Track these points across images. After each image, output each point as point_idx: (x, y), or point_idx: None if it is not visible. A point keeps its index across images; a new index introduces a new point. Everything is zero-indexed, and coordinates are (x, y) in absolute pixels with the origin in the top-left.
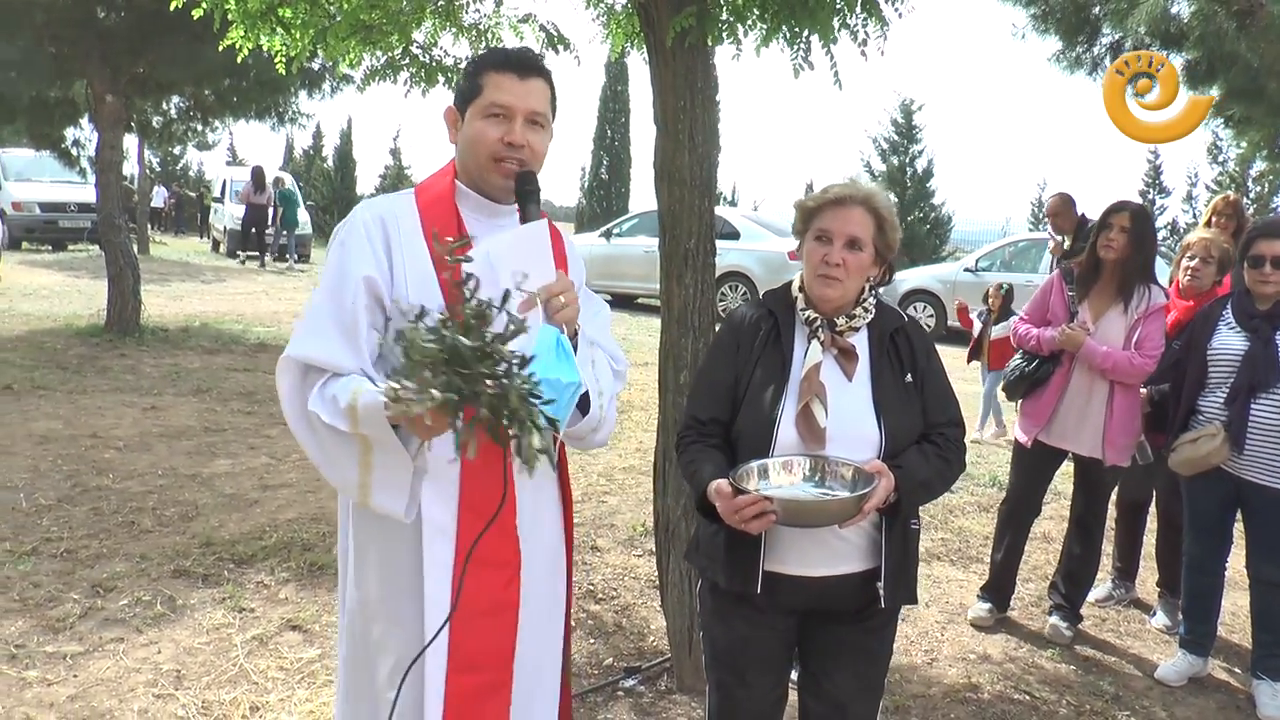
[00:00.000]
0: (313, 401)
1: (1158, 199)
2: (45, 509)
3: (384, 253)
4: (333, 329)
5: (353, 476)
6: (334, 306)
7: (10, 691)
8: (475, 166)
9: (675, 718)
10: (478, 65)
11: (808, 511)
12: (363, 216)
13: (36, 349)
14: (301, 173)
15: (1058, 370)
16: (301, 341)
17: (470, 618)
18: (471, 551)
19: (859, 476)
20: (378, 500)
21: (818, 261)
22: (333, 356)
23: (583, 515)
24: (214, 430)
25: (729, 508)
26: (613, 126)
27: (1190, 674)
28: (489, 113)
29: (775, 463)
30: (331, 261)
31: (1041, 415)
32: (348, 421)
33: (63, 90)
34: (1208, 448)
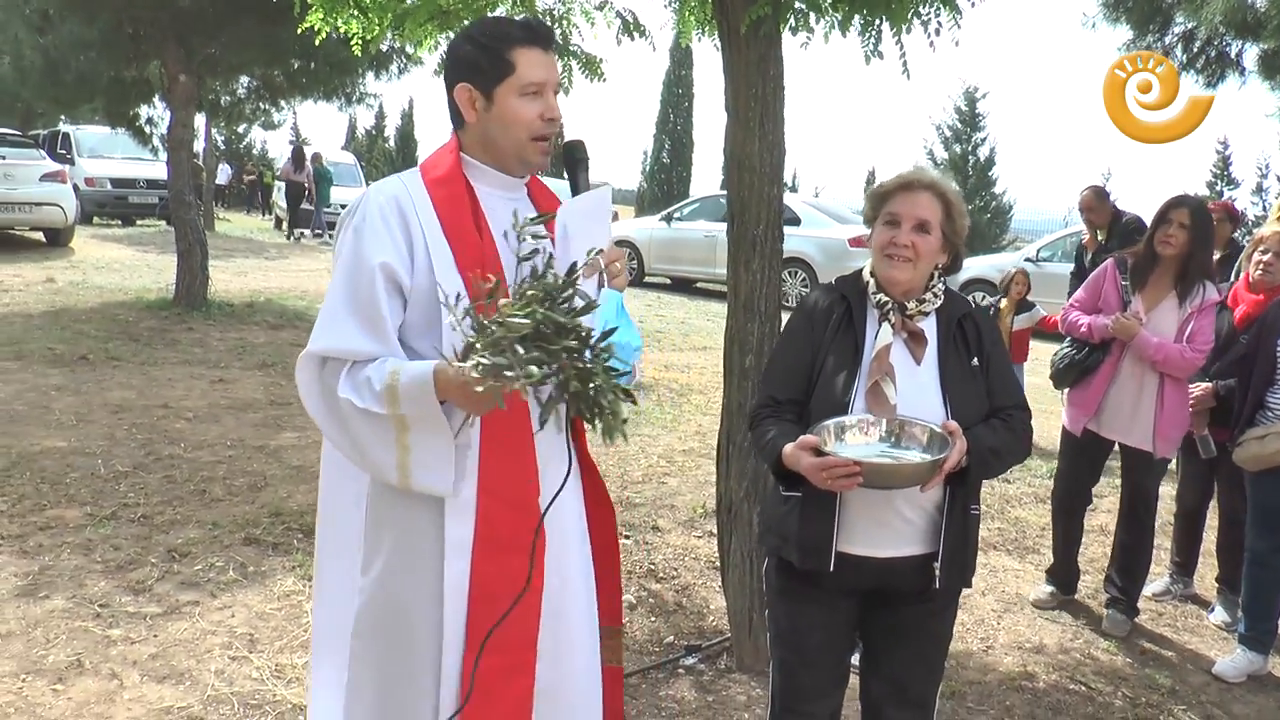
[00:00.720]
0: (342, 388)
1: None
2: (122, 475)
3: (401, 235)
4: (350, 319)
5: (389, 459)
6: (350, 296)
7: (97, 648)
8: (512, 146)
9: (735, 696)
10: (499, 40)
11: (891, 473)
12: (377, 201)
13: (110, 321)
14: (364, 152)
15: (1107, 359)
16: (320, 335)
17: (489, 601)
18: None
19: (934, 438)
20: (419, 480)
21: (885, 243)
22: (353, 344)
23: (643, 496)
24: (279, 404)
25: (815, 466)
26: (675, 111)
27: (1249, 671)
28: (526, 91)
29: (852, 421)
30: (345, 250)
31: (1090, 404)
32: (385, 403)
33: (138, 70)
34: (1275, 445)
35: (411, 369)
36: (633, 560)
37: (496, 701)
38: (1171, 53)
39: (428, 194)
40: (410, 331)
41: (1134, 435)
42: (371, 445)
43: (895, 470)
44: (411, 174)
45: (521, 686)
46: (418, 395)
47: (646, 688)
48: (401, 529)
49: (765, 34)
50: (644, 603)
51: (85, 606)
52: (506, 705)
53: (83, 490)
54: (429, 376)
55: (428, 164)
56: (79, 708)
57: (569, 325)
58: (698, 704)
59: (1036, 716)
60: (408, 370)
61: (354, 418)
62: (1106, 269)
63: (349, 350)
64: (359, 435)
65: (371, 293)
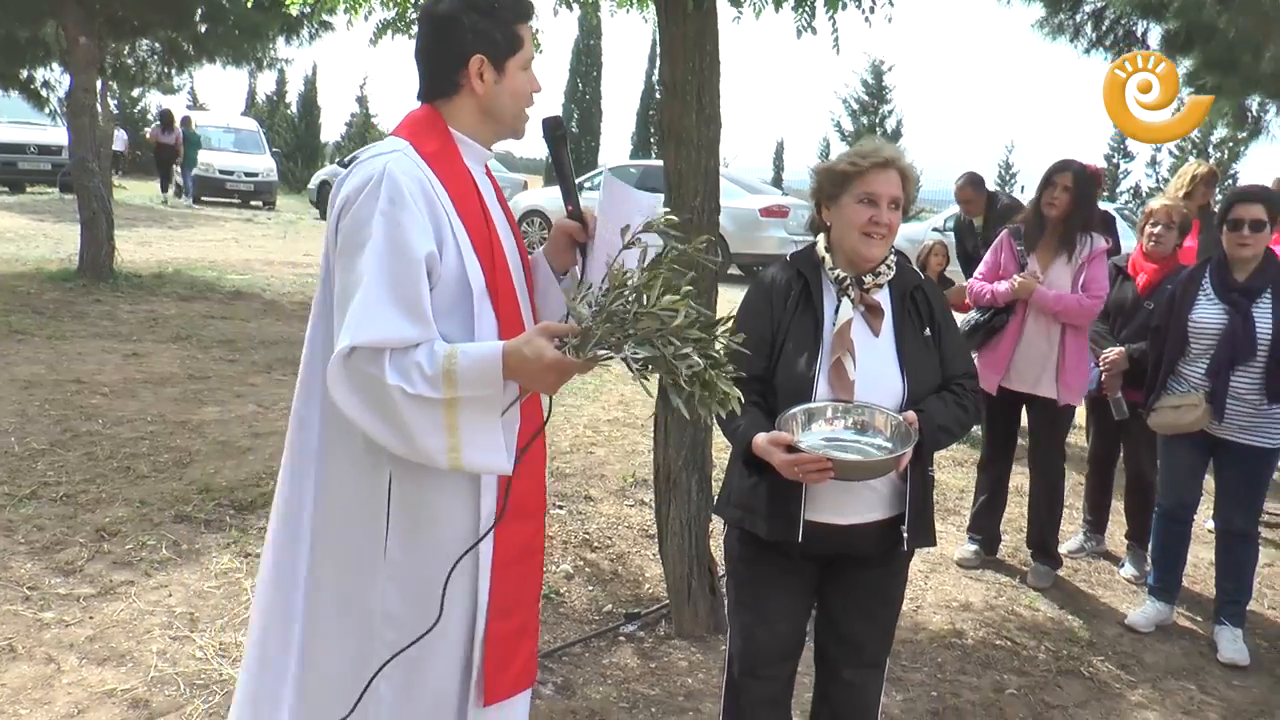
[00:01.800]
0: (391, 376)
1: (1122, 163)
2: (39, 453)
3: (430, 220)
4: (392, 306)
5: (439, 443)
6: (390, 284)
7: (29, 632)
8: (513, 118)
9: (677, 662)
10: (507, 14)
11: (860, 469)
12: (404, 184)
13: (9, 293)
14: (265, 118)
15: (1012, 319)
16: (363, 327)
17: (505, 564)
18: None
19: (897, 428)
20: (471, 459)
21: (864, 222)
22: (399, 333)
23: (573, 466)
24: (198, 378)
25: (788, 462)
26: (584, 81)
27: (1158, 621)
28: (526, 66)
29: (817, 410)
30: (377, 235)
31: (1000, 363)
32: (442, 387)
33: (33, 30)
34: (1190, 416)
35: (473, 351)
36: (568, 530)
37: (514, 662)
38: (1081, 30)
39: (433, 172)
40: (435, 314)
41: (1042, 386)
42: (420, 430)
43: (864, 466)
44: (407, 149)
45: (528, 647)
46: (479, 377)
47: (589, 656)
48: (433, 512)
49: (705, 9)
50: (581, 572)
51: (13, 589)
52: (523, 664)
53: None
54: (497, 358)
55: (416, 139)
56: (15, 694)
57: (708, 318)
58: (641, 670)
59: (967, 671)
60: (468, 353)
61: (403, 405)
62: (1002, 239)
63: (396, 339)
64: (406, 422)
65: (415, 280)
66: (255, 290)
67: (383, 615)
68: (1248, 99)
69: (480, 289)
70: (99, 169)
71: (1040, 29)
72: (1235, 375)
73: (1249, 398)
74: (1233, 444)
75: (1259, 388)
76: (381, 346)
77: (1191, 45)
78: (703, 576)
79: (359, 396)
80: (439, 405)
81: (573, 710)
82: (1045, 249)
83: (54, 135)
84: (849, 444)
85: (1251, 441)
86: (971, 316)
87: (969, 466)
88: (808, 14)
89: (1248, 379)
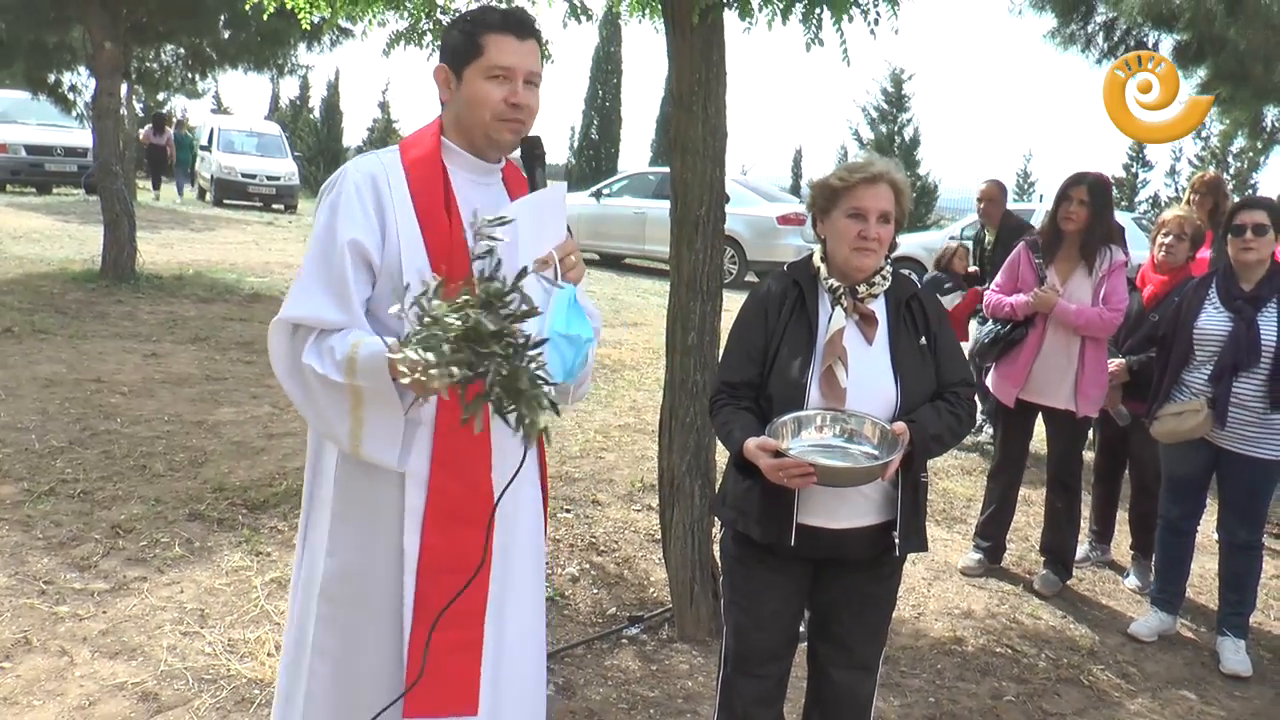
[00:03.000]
0: (307, 354)
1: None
2: (58, 451)
3: (375, 214)
4: (320, 290)
5: (343, 428)
6: (322, 269)
7: (44, 625)
8: (479, 126)
9: (678, 665)
10: (474, 25)
11: (842, 475)
12: (353, 177)
13: (33, 293)
14: (288, 123)
15: (1032, 332)
16: (292, 303)
17: (437, 574)
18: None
19: (884, 436)
20: (369, 450)
21: (854, 236)
22: (322, 314)
23: (582, 470)
24: (215, 379)
25: (773, 466)
26: (604, 87)
27: (1160, 631)
28: (491, 74)
29: (807, 418)
30: (320, 223)
31: (1019, 376)
32: (343, 373)
33: (60, 35)
34: (1192, 423)
35: (370, 344)
36: (574, 534)
37: (446, 677)
38: (1093, 41)
39: (404, 173)
40: (379, 305)
41: (1060, 398)
42: (328, 411)
43: (846, 472)
44: (391, 152)
45: (468, 665)
46: (372, 370)
47: (591, 658)
48: (367, 498)
49: (712, 21)
50: (586, 575)
51: (29, 584)
52: (453, 684)
53: (17, 466)
54: (383, 354)
55: (408, 142)
56: (29, 685)
57: (499, 330)
58: (642, 673)
59: (966, 678)
60: (367, 344)
61: (315, 383)
62: (1019, 251)
63: (317, 319)
64: (318, 401)
65: (341, 267)
66: (274, 293)
67: (321, 588)
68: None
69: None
70: (122, 171)
71: (1052, 39)
72: (1238, 382)
73: (1252, 405)
74: (1236, 455)
75: (1263, 395)
76: (305, 323)
77: (1203, 57)
78: (705, 580)
79: (289, 368)
80: (346, 391)
81: (572, 710)
82: (1064, 261)
83: (80, 138)
84: (836, 451)
85: (1255, 453)
86: (990, 329)
87: (977, 475)
88: (815, 25)
89: (1251, 386)
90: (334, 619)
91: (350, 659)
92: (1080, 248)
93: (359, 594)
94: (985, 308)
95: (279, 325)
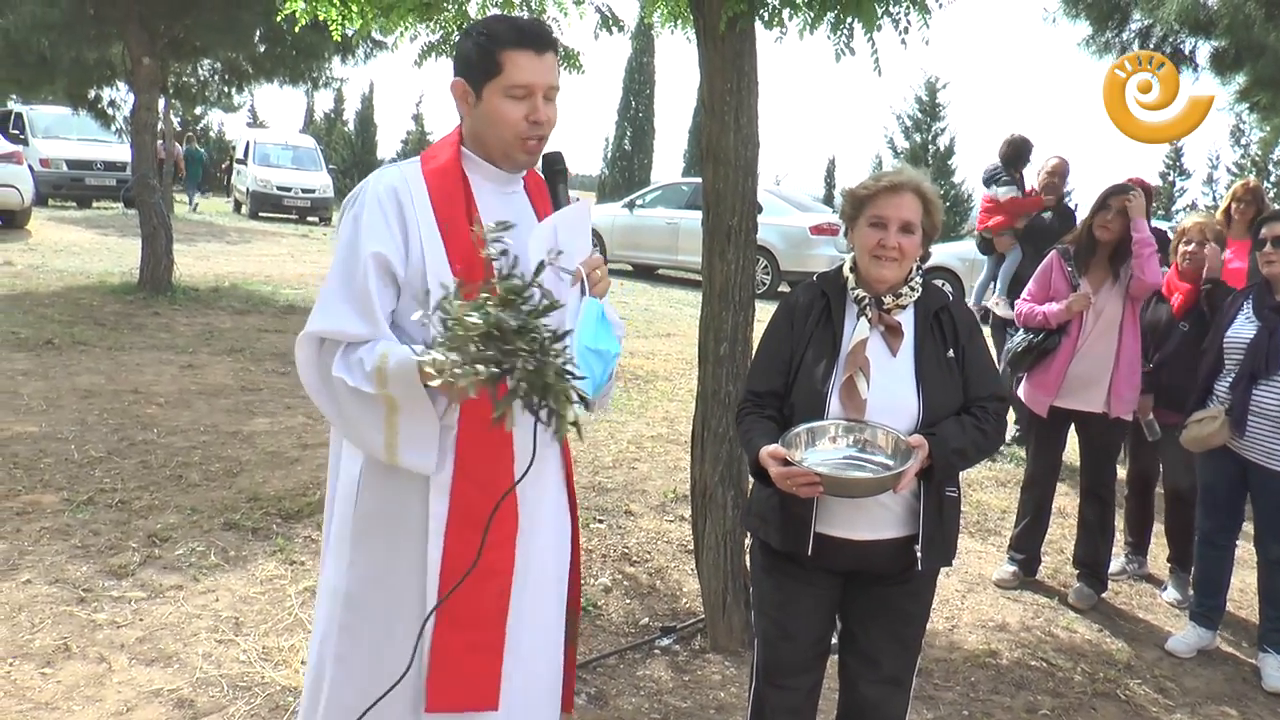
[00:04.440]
0: (336, 367)
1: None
2: (96, 460)
3: (398, 226)
4: (344, 304)
5: (378, 438)
6: (345, 282)
7: (83, 632)
8: (498, 143)
9: (710, 676)
10: (490, 40)
11: (849, 485)
12: (375, 189)
13: (73, 305)
14: (322, 136)
15: (1065, 340)
16: (317, 317)
17: (456, 574)
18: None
19: (897, 447)
20: (405, 458)
21: (873, 245)
22: (347, 327)
23: (615, 481)
24: (250, 389)
25: (780, 475)
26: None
27: (1199, 646)
28: (511, 94)
29: (821, 428)
30: (344, 237)
31: (1052, 385)
32: (374, 383)
33: (100, 52)
34: (1209, 429)
35: (399, 353)
36: (607, 544)
37: (461, 677)
38: (1128, 49)
39: (425, 184)
40: (404, 317)
41: (1094, 401)
42: (362, 422)
43: (852, 483)
44: (412, 163)
45: (487, 664)
46: (404, 378)
47: (624, 668)
48: (390, 507)
49: (741, 30)
50: (619, 585)
51: (69, 591)
52: (472, 681)
53: (57, 475)
54: (412, 361)
55: (429, 153)
56: (69, 690)
57: (522, 326)
58: (674, 684)
59: (1000, 691)
60: (396, 354)
61: (346, 396)
62: (1051, 260)
63: (342, 332)
64: (350, 413)
65: (364, 280)
66: (308, 305)
67: (344, 596)
68: None
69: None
70: (160, 185)
71: (1087, 46)
72: (1259, 391)
73: (1274, 415)
74: (1264, 469)
75: None
76: (331, 336)
77: (1241, 63)
78: (738, 591)
79: (319, 382)
80: (379, 401)
81: None
82: (1097, 270)
83: (119, 152)
84: (850, 462)
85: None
86: (1022, 338)
87: (1011, 486)
88: (846, 35)
89: (1272, 395)
90: (355, 628)
91: (371, 666)
92: (1111, 258)
93: (381, 601)
94: (1017, 317)
95: (305, 340)
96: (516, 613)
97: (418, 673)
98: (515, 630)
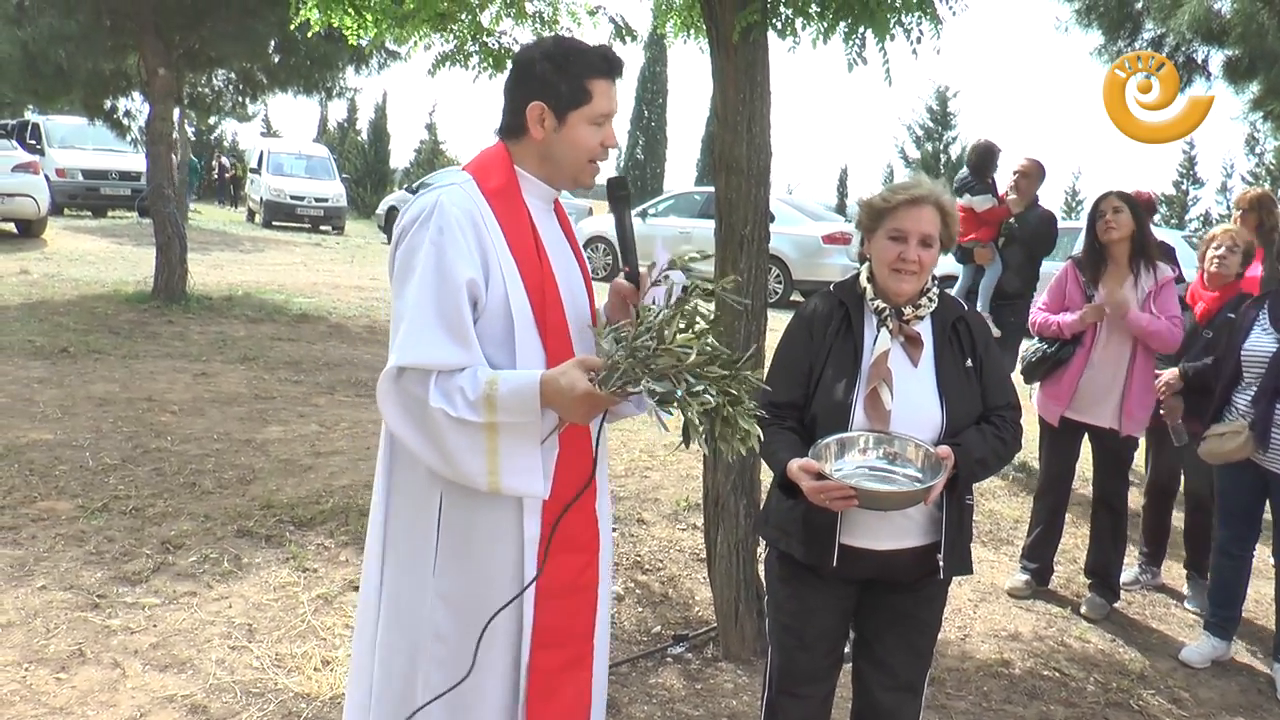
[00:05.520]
0: (434, 399)
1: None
2: (111, 468)
3: (478, 251)
4: (440, 333)
5: (479, 465)
6: (436, 309)
7: (97, 637)
8: (571, 166)
9: (723, 684)
10: (579, 68)
11: (885, 499)
12: (451, 213)
13: (88, 314)
14: (336, 145)
15: (1079, 350)
16: (409, 349)
17: (547, 598)
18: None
19: (926, 459)
20: (509, 483)
21: (893, 259)
22: (446, 357)
23: (628, 490)
24: (264, 398)
25: (815, 489)
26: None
27: (1214, 657)
28: (595, 120)
29: (850, 440)
30: (426, 262)
31: (1064, 395)
32: (481, 412)
33: (116, 63)
34: (1232, 444)
35: (512, 379)
36: (619, 552)
37: (556, 695)
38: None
39: (489, 206)
40: (483, 342)
41: (1105, 416)
42: (461, 453)
43: (888, 496)
44: (468, 183)
45: (580, 679)
46: (518, 404)
47: (636, 676)
48: (478, 530)
49: (754, 40)
50: (631, 593)
51: (83, 597)
52: (567, 698)
53: (72, 483)
54: (535, 386)
55: (480, 173)
56: (83, 696)
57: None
58: (686, 691)
59: (1013, 701)
60: (507, 380)
61: (446, 426)
62: (1065, 271)
63: (440, 362)
64: (448, 444)
65: (458, 306)
66: (321, 313)
67: (433, 633)
68: None
69: (527, 321)
70: (174, 195)
71: (1099, 56)
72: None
73: None
74: None
75: None
76: (427, 368)
77: (1255, 72)
78: (750, 600)
79: (406, 416)
80: (480, 429)
81: None
82: (1110, 276)
83: (133, 162)
84: (879, 474)
85: None
86: (1036, 347)
87: (1024, 496)
88: (858, 44)
89: None
90: (449, 660)
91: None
92: (1130, 256)
93: (476, 626)
94: (1031, 326)
95: (394, 374)
96: (601, 625)
97: (515, 698)
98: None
